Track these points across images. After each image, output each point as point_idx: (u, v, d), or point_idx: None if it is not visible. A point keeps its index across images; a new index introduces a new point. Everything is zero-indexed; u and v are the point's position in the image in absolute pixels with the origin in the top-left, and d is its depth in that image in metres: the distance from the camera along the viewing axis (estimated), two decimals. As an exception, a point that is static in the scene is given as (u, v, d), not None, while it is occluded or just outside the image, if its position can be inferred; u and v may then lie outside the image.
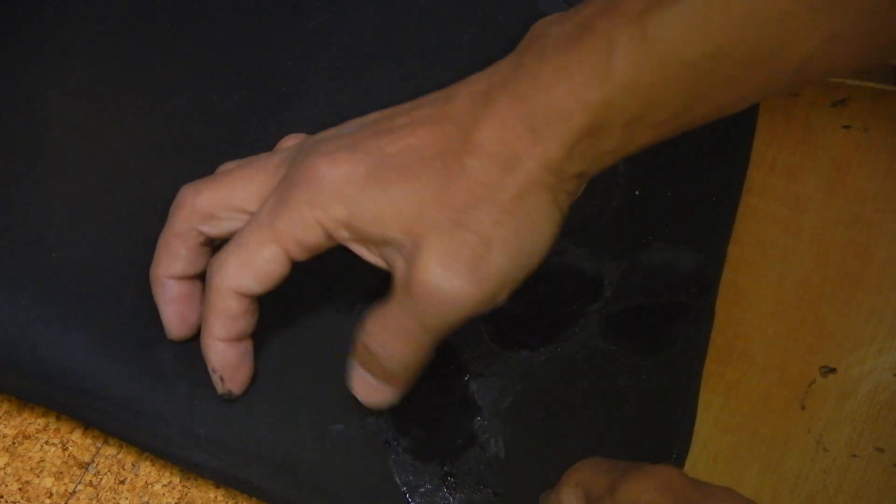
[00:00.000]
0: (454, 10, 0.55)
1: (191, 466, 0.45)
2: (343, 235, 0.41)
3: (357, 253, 0.41)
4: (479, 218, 0.39)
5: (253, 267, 0.41)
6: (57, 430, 0.47)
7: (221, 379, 0.44)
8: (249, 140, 0.50)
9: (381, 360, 0.42)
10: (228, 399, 0.45)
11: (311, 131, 0.44)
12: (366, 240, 0.40)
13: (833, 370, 0.51)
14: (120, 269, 0.47)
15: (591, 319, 0.49)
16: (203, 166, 0.46)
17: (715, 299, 0.51)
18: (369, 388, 0.43)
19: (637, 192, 0.52)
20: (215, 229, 0.43)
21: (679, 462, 0.47)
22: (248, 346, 0.44)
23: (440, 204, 0.39)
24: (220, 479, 0.45)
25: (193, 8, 0.54)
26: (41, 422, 0.47)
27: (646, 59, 0.37)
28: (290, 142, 0.45)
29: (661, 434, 0.48)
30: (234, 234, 0.42)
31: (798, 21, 0.36)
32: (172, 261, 0.44)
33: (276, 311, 0.47)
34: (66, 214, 0.48)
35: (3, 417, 0.47)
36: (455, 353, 0.48)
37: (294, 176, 0.41)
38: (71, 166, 0.49)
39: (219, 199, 0.43)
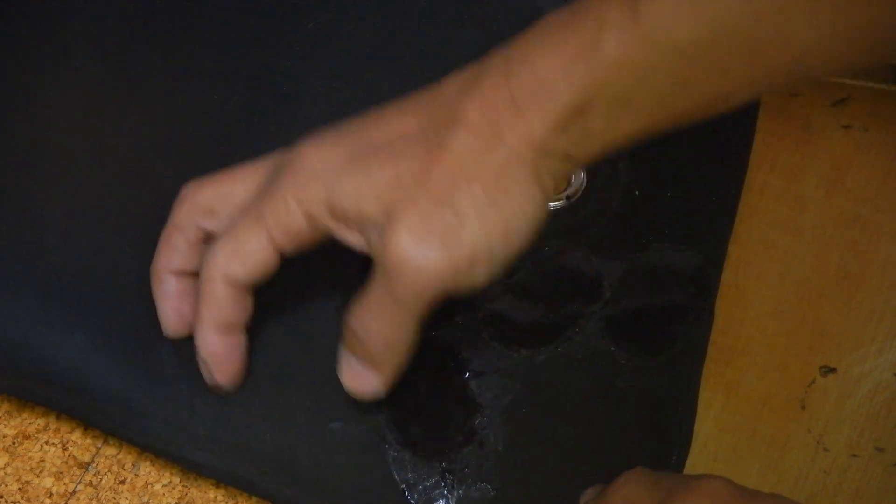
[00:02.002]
0: (454, 10, 0.55)
1: (191, 466, 0.45)
2: (323, 215, 0.40)
3: (340, 238, 0.41)
4: (455, 194, 0.39)
5: (241, 255, 0.41)
6: (57, 430, 0.47)
7: (209, 371, 0.44)
8: (249, 140, 0.50)
9: (364, 343, 0.41)
10: (217, 392, 0.45)
11: (312, 131, 0.44)
12: (345, 218, 0.40)
13: (833, 370, 0.51)
14: (120, 270, 0.47)
15: (591, 320, 0.49)
16: (203, 166, 0.46)
17: (715, 299, 0.51)
18: (355, 375, 0.43)
19: (637, 193, 0.52)
20: (215, 224, 0.43)
21: (679, 462, 0.47)
22: (239, 340, 0.44)
23: (418, 181, 0.39)
24: (221, 478, 0.45)
25: (193, 8, 0.54)
26: (41, 422, 0.47)
27: (636, 39, 0.37)
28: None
29: (662, 434, 0.48)
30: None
31: (797, 11, 0.36)
32: (172, 254, 0.44)
33: (274, 309, 0.47)
34: (66, 215, 0.48)
35: (3, 417, 0.47)
36: (455, 352, 0.48)
37: (282, 165, 0.41)
38: (71, 167, 0.50)
39: (219, 195, 0.43)
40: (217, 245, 0.42)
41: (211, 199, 0.43)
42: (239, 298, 0.43)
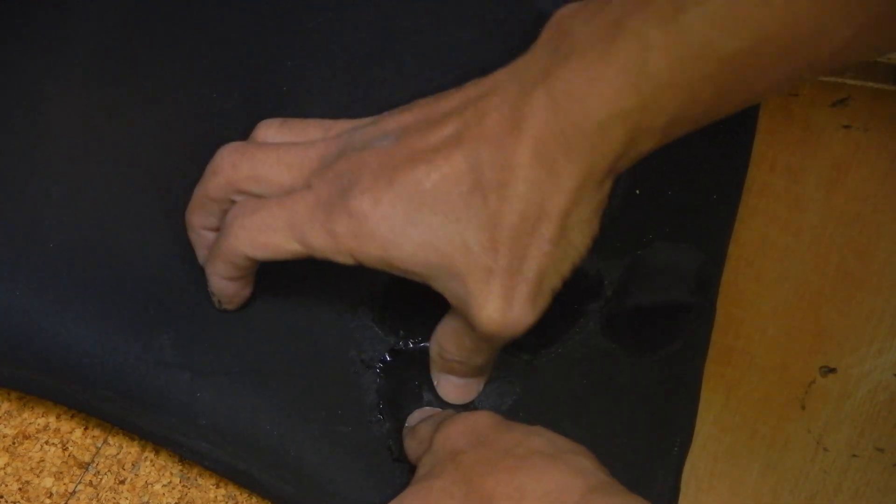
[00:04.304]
0: (454, 10, 0.55)
1: (193, 455, 0.45)
2: (377, 267, 0.41)
3: (393, 274, 0.42)
4: (529, 255, 0.39)
5: (270, 247, 0.42)
6: (57, 430, 0.47)
7: (219, 301, 0.46)
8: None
9: (463, 366, 0.44)
10: (221, 310, 0.46)
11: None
12: (403, 273, 0.41)
13: (833, 370, 0.51)
14: (118, 259, 0.48)
15: (591, 318, 0.49)
16: (202, 164, 0.46)
17: (716, 297, 0.51)
18: (458, 389, 0.46)
19: (637, 192, 0.52)
20: (247, 197, 0.44)
21: (680, 459, 0.47)
22: (247, 281, 0.45)
23: (486, 249, 0.39)
24: (222, 471, 0.45)
25: (193, 7, 0.54)
26: (41, 422, 0.47)
27: (682, 57, 0.36)
28: (268, 131, 0.45)
29: (662, 432, 0.48)
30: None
31: (834, 9, 0.35)
32: (206, 217, 0.45)
33: (282, 311, 0.47)
34: (64, 205, 0.48)
35: (3, 417, 0.47)
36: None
37: (338, 203, 0.41)
38: (68, 156, 0.50)
39: (255, 176, 0.43)
40: (251, 222, 0.42)
41: (246, 180, 0.43)
42: (252, 264, 0.43)
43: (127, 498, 0.46)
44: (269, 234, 0.42)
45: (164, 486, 0.46)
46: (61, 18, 0.53)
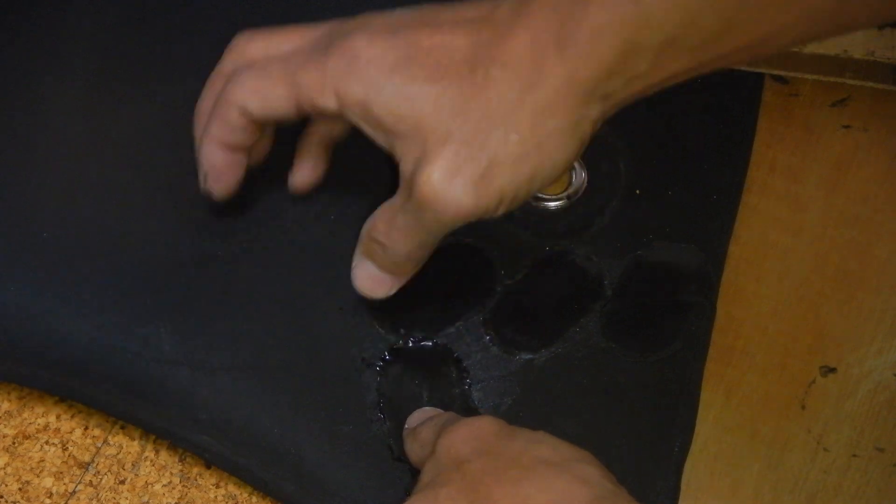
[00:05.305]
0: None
1: (195, 448, 0.45)
2: (354, 113, 0.41)
3: (365, 133, 0.42)
4: (491, 136, 0.39)
5: (262, 97, 0.43)
6: (57, 430, 0.47)
7: (206, 177, 0.46)
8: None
9: (385, 251, 0.43)
10: (207, 198, 0.46)
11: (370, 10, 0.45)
12: (376, 125, 0.41)
13: (833, 370, 0.51)
14: (117, 252, 0.48)
15: (591, 318, 0.49)
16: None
17: (716, 296, 0.51)
18: (373, 280, 0.45)
19: (637, 192, 0.52)
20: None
21: (680, 460, 0.47)
22: (239, 158, 0.45)
23: (456, 115, 0.39)
24: (222, 464, 0.45)
25: (194, 5, 0.54)
26: (41, 422, 0.47)
27: None
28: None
29: (663, 432, 0.48)
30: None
31: None
32: (213, 99, 0.45)
33: (282, 307, 0.47)
34: (63, 200, 0.49)
35: (3, 417, 0.47)
36: (456, 360, 0.48)
37: (334, 42, 0.41)
38: (66, 153, 0.50)
39: (267, 48, 0.44)
40: (245, 76, 0.43)
41: (258, 51, 0.44)
42: (248, 127, 0.44)
43: (127, 498, 0.46)
44: (264, 80, 0.42)
45: (164, 486, 0.46)
46: (61, 18, 0.53)
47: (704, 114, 0.54)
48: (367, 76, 0.40)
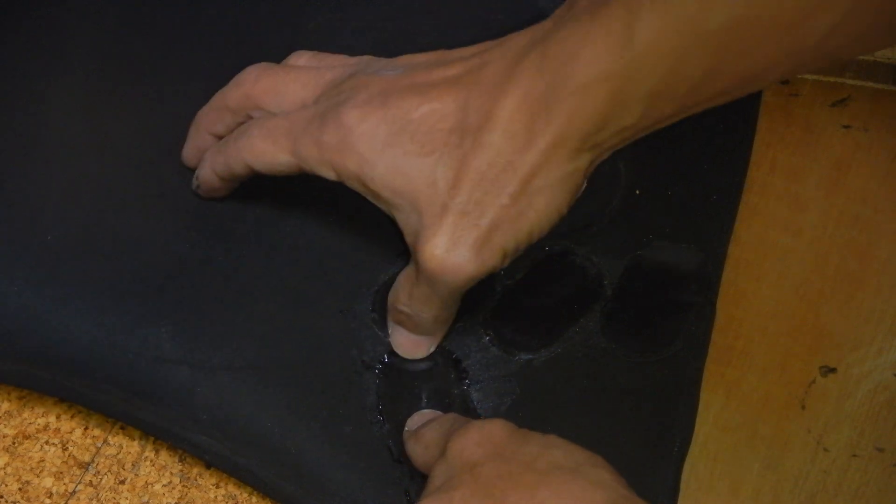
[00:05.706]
0: (454, 10, 0.55)
1: (194, 449, 0.45)
2: (353, 185, 0.43)
3: (369, 198, 0.43)
4: (487, 202, 0.40)
5: (269, 161, 0.44)
6: (57, 430, 0.47)
7: (199, 187, 0.48)
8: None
9: (411, 319, 0.45)
10: (195, 192, 0.49)
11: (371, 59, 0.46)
12: (374, 196, 0.42)
13: (833, 370, 0.51)
14: (117, 252, 0.48)
15: (591, 318, 0.49)
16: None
17: (716, 296, 0.51)
18: (410, 343, 0.47)
19: (637, 192, 0.52)
20: (263, 113, 0.46)
21: (680, 458, 0.47)
22: (234, 184, 0.48)
23: (450, 187, 0.40)
24: (222, 465, 0.45)
25: (194, 6, 0.54)
26: (41, 422, 0.47)
27: (667, 27, 0.37)
28: (299, 59, 0.48)
29: (662, 432, 0.48)
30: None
31: None
32: (216, 123, 0.47)
33: (282, 308, 0.47)
34: (63, 200, 0.49)
35: (3, 417, 0.47)
36: (457, 361, 0.48)
37: (330, 113, 0.43)
38: (68, 152, 0.50)
39: (273, 90, 0.45)
40: (253, 136, 0.44)
41: (263, 95, 0.45)
42: (247, 172, 0.45)
43: (127, 498, 0.46)
44: (268, 142, 0.44)
45: (164, 486, 0.46)
46: (61, 18, 0.53)
47: (704, 114, 0.54)
48: (360, 152, 0.42)
